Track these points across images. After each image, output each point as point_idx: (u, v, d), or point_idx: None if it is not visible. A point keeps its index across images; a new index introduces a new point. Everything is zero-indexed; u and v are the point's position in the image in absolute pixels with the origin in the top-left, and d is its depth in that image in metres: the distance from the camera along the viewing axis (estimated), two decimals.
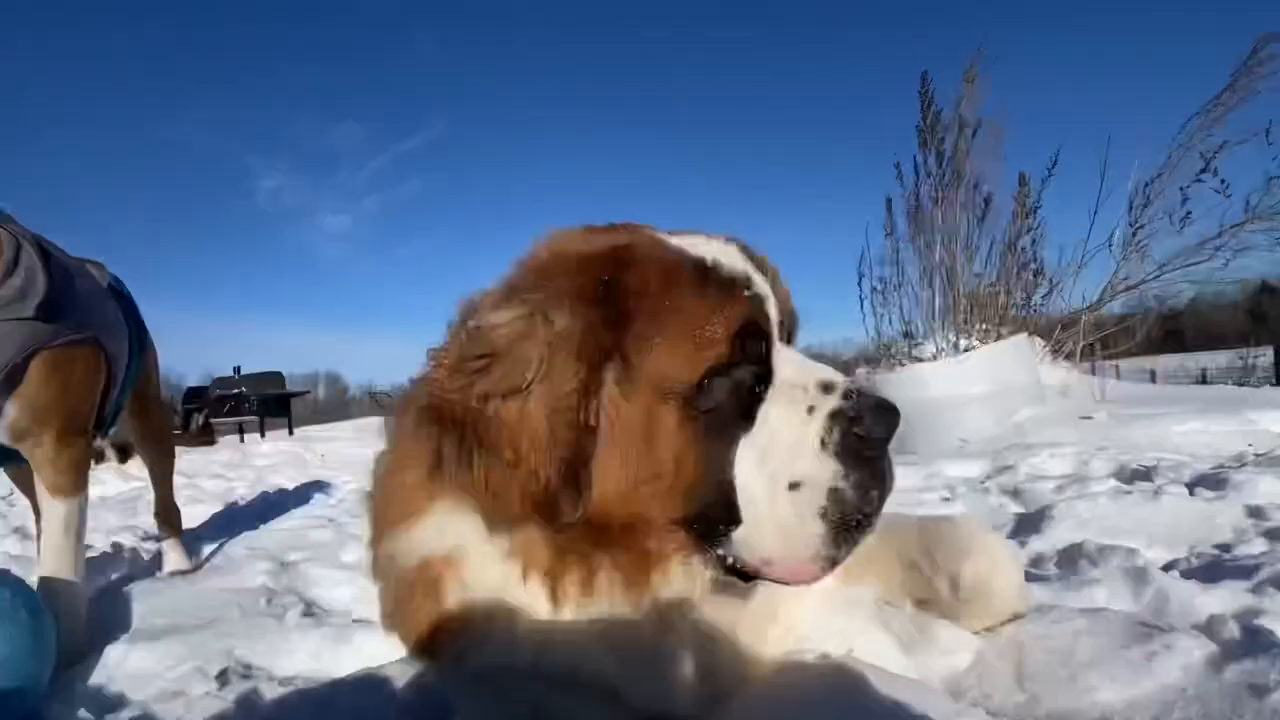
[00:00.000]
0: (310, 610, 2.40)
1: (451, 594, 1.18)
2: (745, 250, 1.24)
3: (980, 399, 5.61)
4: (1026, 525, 2.91)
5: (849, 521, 1.04)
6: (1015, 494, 3.69)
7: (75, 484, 2.24)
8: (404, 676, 1.83)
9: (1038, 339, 6.57)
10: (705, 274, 1.14)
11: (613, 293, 1.09)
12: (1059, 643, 1.42)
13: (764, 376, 1.12)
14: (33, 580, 2.11)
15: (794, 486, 1.05)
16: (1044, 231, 6.35)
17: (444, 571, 1.19)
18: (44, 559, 2.20)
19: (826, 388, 1.10)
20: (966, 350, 6.06)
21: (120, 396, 2.66)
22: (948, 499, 3.78)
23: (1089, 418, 5.60)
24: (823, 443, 1.05)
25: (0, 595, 1.70)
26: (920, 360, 6.27)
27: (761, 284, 1.18)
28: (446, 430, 1.07)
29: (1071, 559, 2.32)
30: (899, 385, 5.68)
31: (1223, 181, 5.99)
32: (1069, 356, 6.77)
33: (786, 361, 1.16)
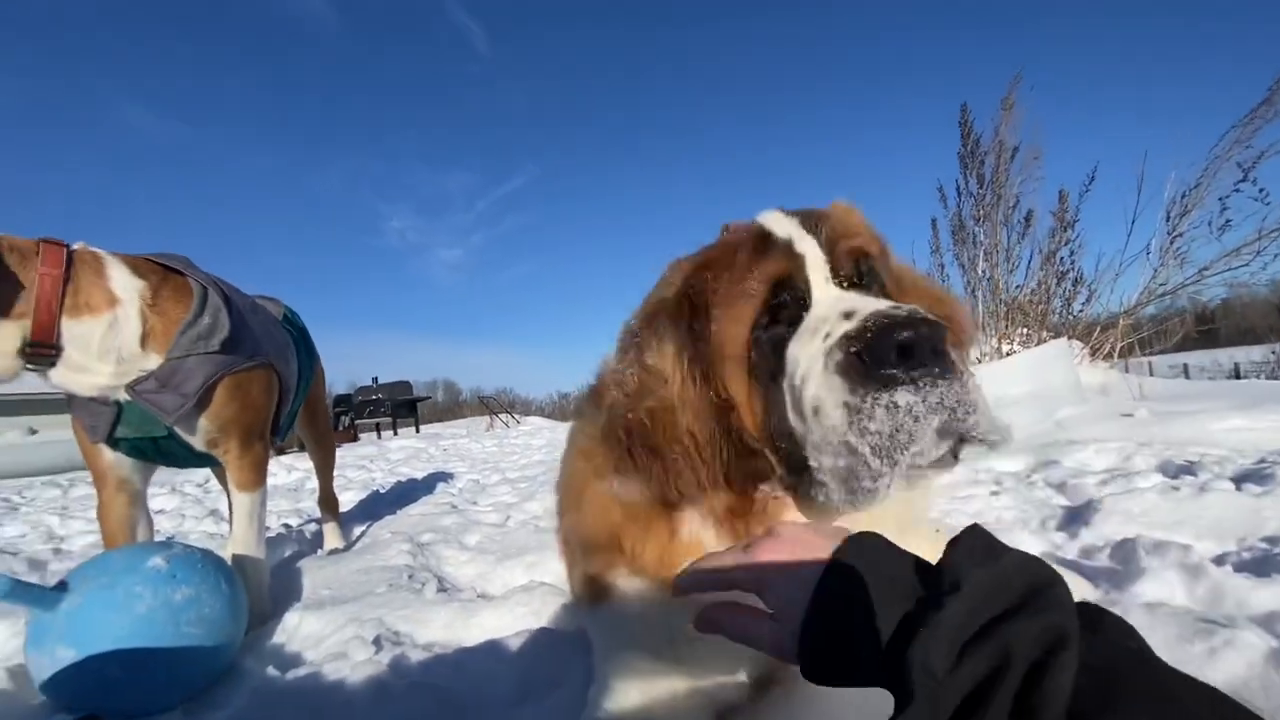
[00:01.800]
0: (443, 586, 2.43)
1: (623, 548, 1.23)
2: (799, 214, 1.15)
3: (1022, 399, 5.24)
4: (1074, 518, 2.65)
5: (880, 440, 0.86)
6: (1061, 488, 3.39)
7: (256, 480, 2.36)
8: (523, 646, 1.83)
9: (1077, 342, 6.09)
10: (751, 246, 1.12)
11: (695, 300, 1.14)
12: None
13: (797, 320, 1.04)
14: (226, 556, 2.24)
15: (816, 412, 0.94)
16: (1082, 242, 5.88)
17: (620, 528, 1.24)
18: (234, 540, 2.31)
19: (848, 315, 0.95)
20: (1008, 355, 5.67)
21: (292, 408, 2.79)
22: (996, 491, 3.52)
23: (1129, 415, 5.11)
24: (825, 366, 0.93)
25: (206, 570, 1.79)
26: None
27: (801, 239, 1.10)
28: (632, 440, 1.13)
29: (1125, 553, 2.08)
30: None
31: (1261, 190, 5.40)
32: (1107, 357, 6.24)
33: (825, 301, 1.04)
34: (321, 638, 1.99)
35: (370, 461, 8.13)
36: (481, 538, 3.18)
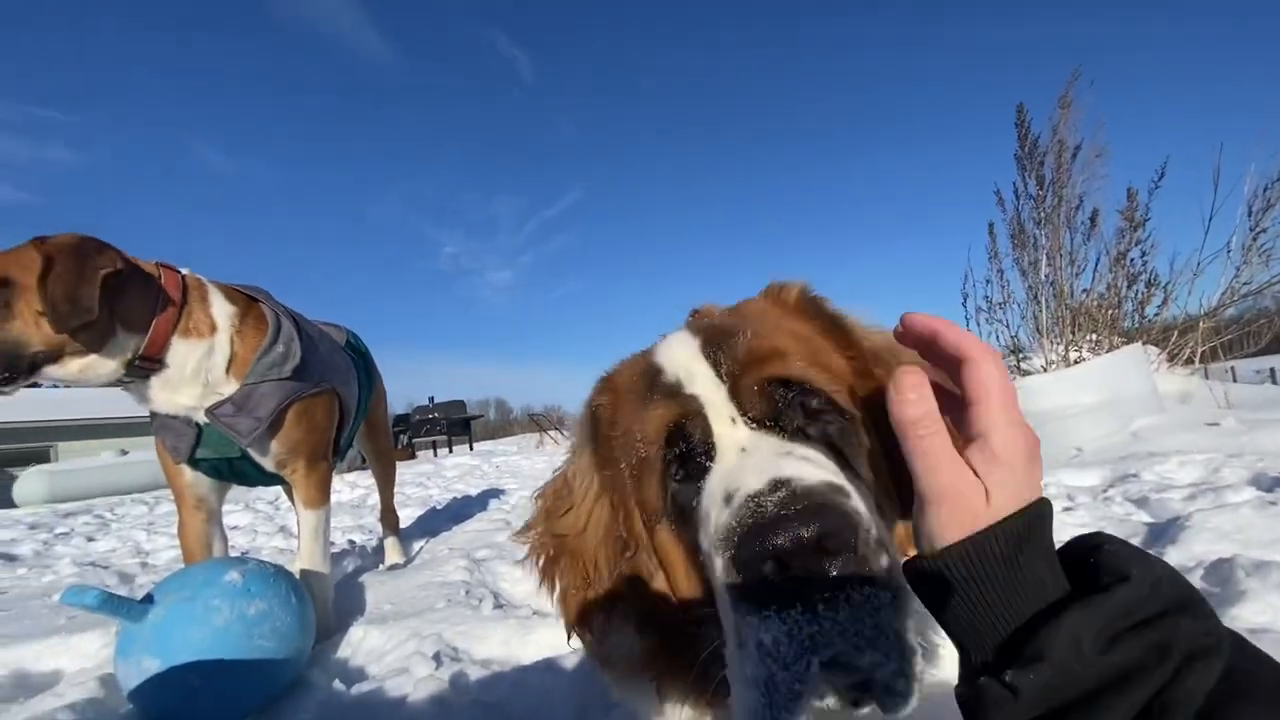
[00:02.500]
0: (499, 602, 2.44)
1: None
2: (704, 331, 0.95)
3: (1093, 408, 4.91)
4: (1159, 536, 2.42)
5: (765, 685, 0.66)
6: (1142, 503, 3.11)
7: (321, 498, 2.45)
8: (580, 665, 1.81)
9: (1152, 347, 5.69)
10: (645, 384, 0.94)
11: (596, 425, 1.02)
12: None
13: (702, 476, 0.84)
14: (294, 571, 2.32)
15: (729, 634, 0.74)
16: (1154, 242, 5.50)
17: None
18: (300, 555, 2.40)
19: (727, 498, 0.74)
20: (1077, 362, 5.34)
21: (351, 430, 2.89)
22: (1069, 508, 3.29)
23: (1215, 424, 4.70)
24: (720, 570, 0.72)
25: (279, 585, 1.85)
26: (1029, 374, 5.60)
27: (692, 379, 0.89)
28: (544, 574, 1.07)
29: (1221, 574, 1.89)
30: None
31: None
32: (1187, 362, 5.80)
33: (726, 451, 0.83)
34: (384, 652, 2.02)
35: (427, 479, 8.33)
36: None
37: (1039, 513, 0.62)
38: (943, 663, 0.87)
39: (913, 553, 0.68)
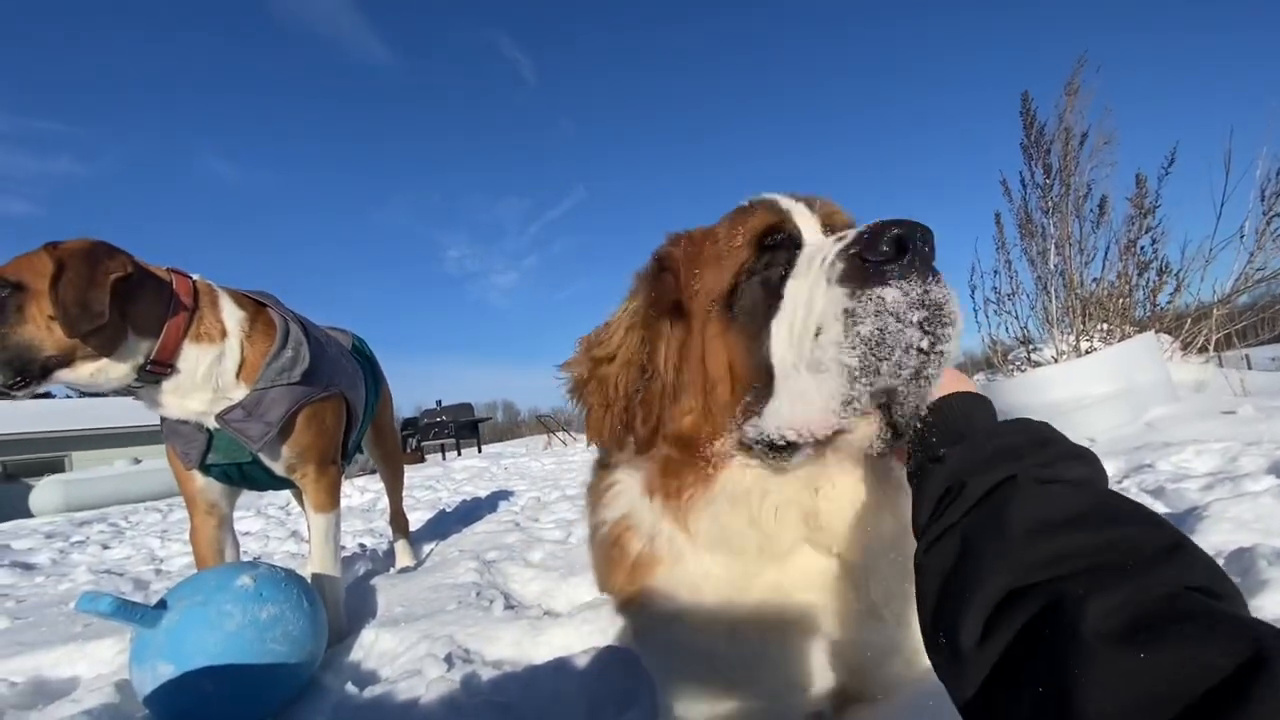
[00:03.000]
0: (510, 603, 2.44)
1: (632, 549, 1.23)
2: (789, 193, 1.17)
3: (1105, 399, 4.84)
4: (1178, 526, 2.38)
5: (873, 345, 0.82)
6: (1158, 493, 3.06)
7: (331, 502, 2.45)
8: (591, 664, 1.81)
9: (1165, 336, 5.61)
10: (736, 212, 1.16)
11: (665, 265, 1.19)
12: None
13: (792, 261, 1.02)
14: (306, 575, 2.33)
15: (818, 333, 0.89)
16: (1165, 229, 5.42)
17: (624, 531, 1.26)
18: (312, 559, 2.41)
19: (840, 239, 0.93)
20: (1088, 352, 5.28)
21: (359, 434, 2.90)
22: None
23: (1231, 412, 4.62)
24: (827, 280, 0.89)
25: (290, 590, 1.86)
26: (1039, 365, 5.55)
27: (789, 201, 1.12)
28: (576, 394, 1.25)
29: (1242, 565, 1.85)
30: (1018, 390, 5.05)
31: None
32: (1201, 350, 5.71)
33: (817, 239, 1.03)
34: (396, 654, 2.03)
35: (436, 482, 8.37)
36: (545, 554, 3.19)
37: (974, 390, 0.94)
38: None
39: None
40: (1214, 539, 2.09)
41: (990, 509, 0.72)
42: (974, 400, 0.91)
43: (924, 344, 0.83)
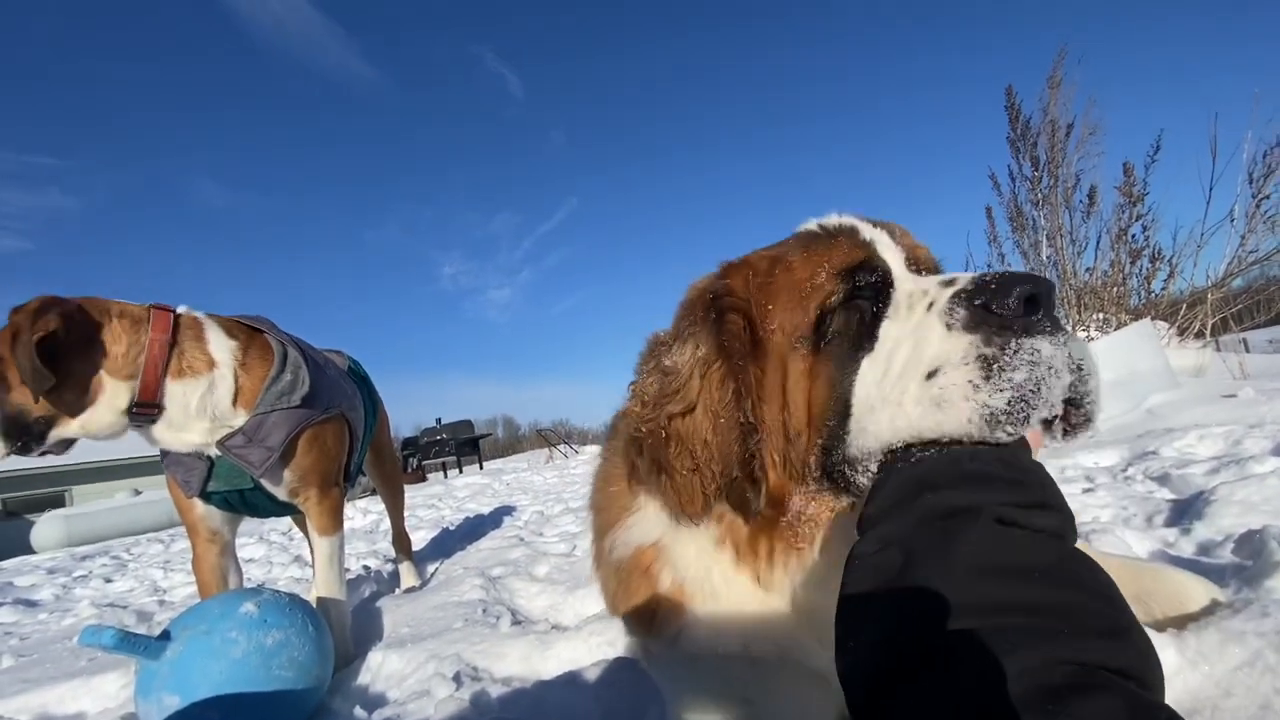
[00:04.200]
0: (517, 619, 2.43)
1: (664, 578, 1.20)
2: (861, 218, 1.14)
3: (1105, 388, 4.85)
4: (1184, 512, 2.36)
5: (1028, 392, 0.81)
6: (1163, 480, 3.03)
7: (334, 524, 2.44)
8: (601, 678, 1.80)
9: (1161, 322, 5.63)
10: (809, 240, 1.10)
11: (729, 302, 1.10)
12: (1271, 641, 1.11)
13: (884, 299, 1.01)
14: (311, 599, 2.31)
15: (931, 375, 0.87)
16: (1155, 216, 5.46)
17: (654, 558, 1.22)
18: (317, 583, 2.40)
19: (948, 283, 0.93)
20: (1085, 342, 5.30)
21: (360, 455, 2.89)
22: (1089, 488, 3.21)
23: (1232, 396, 4.63)
24: (947, 325, 0.89)
25: (295, 614, 1.85)
26: None
27: (870, 230, 1.08)
28: (642, 451, 1.13)
29: (1253, 547, 1.83)
30: None
31: None
32: (1198, 335, 5.74)
33: (908, 281, 1.01)
34: (404, 676, 2.01)
35: (439, 500, 8.33)
36: (550, 568, 3.18)
37: None
38: None
39: None
40: (1222, 523, 2.08)
41: (943, 533, 0.71)
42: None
43: (1085, 389, 0.86)
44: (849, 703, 0.68)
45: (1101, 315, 5.58)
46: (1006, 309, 0.84)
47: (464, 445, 19.63)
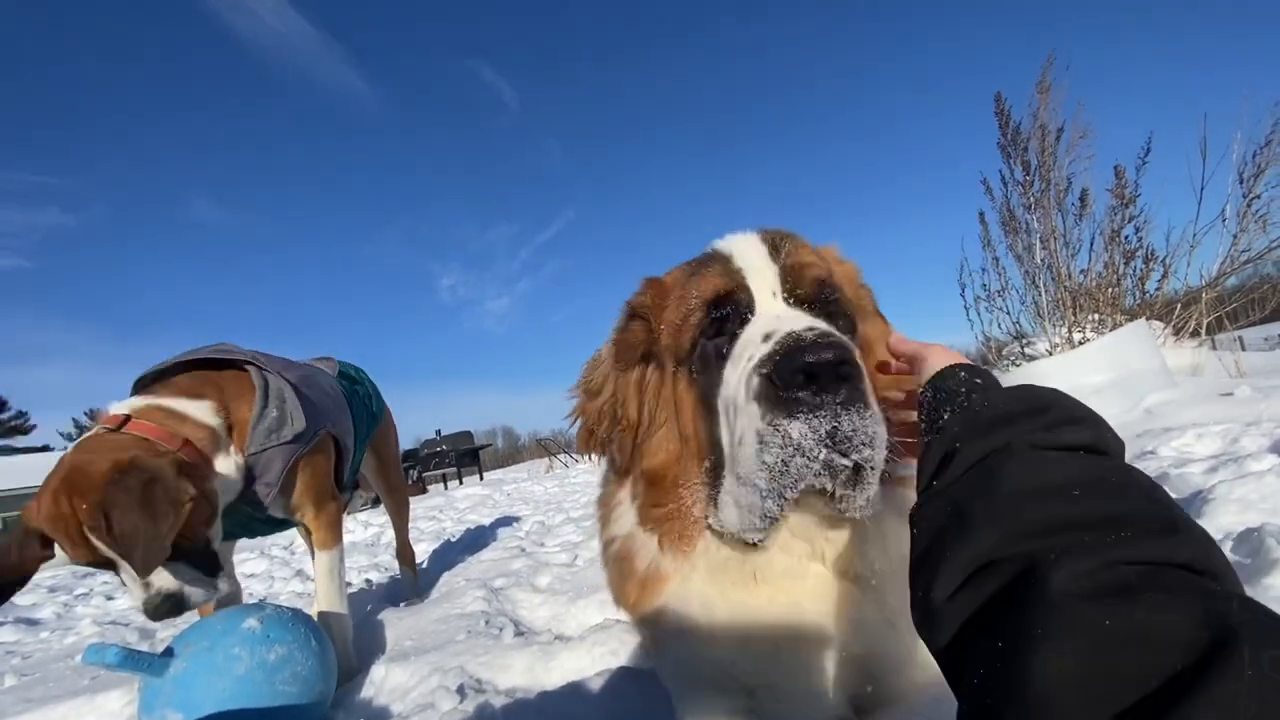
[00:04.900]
0: (519, 630, 2.43)
1: (639, 565, 1.26)
2: (762, 232, 1.19)
3: (1102, 388, 4.86)
4: (1185, 511, 2.36)
5: (779, 469, 0.87)
6: (1162, 479, 3.02)
7: (333, 538, 2.45)
8: (604, 687, 1.80)
9: (1156, 323, 5.66)
10: (694, 266, 1.19)
11: (636, 313, 1.26)
12: None
13: (736, 333, 1.06)
14: (313, 614, 2.31)
15: (740, 441, 0.94)
16: (1147, 217, 5.50)
17: (630, 548, 1.29)
18: (318, 597, 2.39)
19: (766, 337, 0.95)
20: (1081, 343, 5.32)
21: (352, 464, 2.88)
22: None
23: (1229, 394, 4.64)
24: (746, 391, 0.93)
25: (298, 629, 1.85)
26: (1034, 359, 5.58)
27: (746, 257, 1.13)
28: (569, 418, 1.40)
29: (1251, 545, 1.84)
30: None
31: None
32: (1193, 335, 5.76)
33: (760, 319, 1.05)
34: (408, 689, 2.01)
35: (440, 511, 8.31)
36: (552, 579, 3.17)
37: (968, 363, 0.97)
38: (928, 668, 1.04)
39: None
40: (1221, 521, 2.08)
41: (982, 474, 0.72)
42: (972, 371, 0.92)
43: (841, 464, 0.87)
44: (933, 654, 0.71)
45: (1097, 316, 5.60)
46: (783, 383, 0.87)
47: (464, 456, 19.58)
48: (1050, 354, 5.57)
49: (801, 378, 0.85)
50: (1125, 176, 5.39)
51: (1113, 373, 4.85)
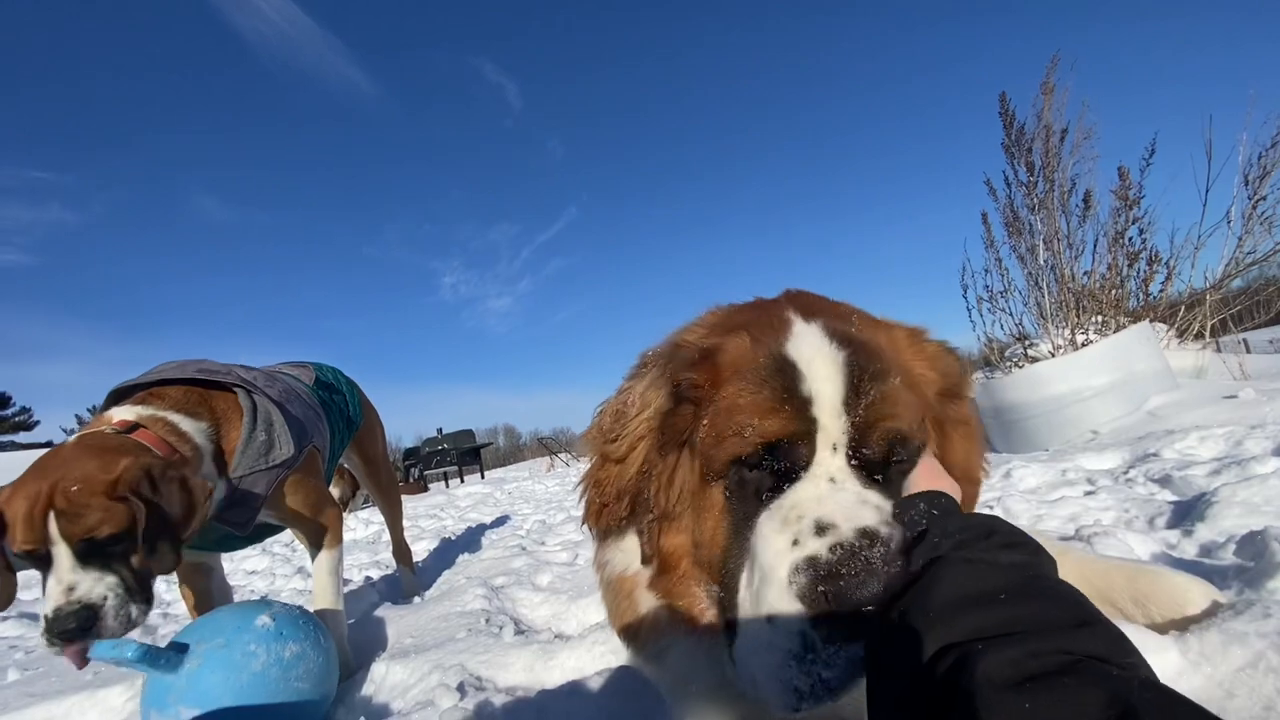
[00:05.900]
0: (520, 628, 2.44)
1: (642, 603, 1.27)
2: (839, 348, 1.03)
3: (1106, 390, 4.85)
4: (1186, 513, 2.35)
5: (816, 671, 0.85)
6: (1165, 482, 3.03)
7: (331, 540, 2.47)
8: (604, 686, 1.81)
9: (1160, 325, 5.65)
10: (766, 378, 1.03)
11: (684, 395, 1.14)
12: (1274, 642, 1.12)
13: (777, 488, 1.00)
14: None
15: (771, 619, 0.90)
16: (1151, 219, 5.49)
17: (633, 585, 1.30)
18: (316, 596, 2.42)
19: (821, 529, 0.89)
20: (1084, 345, 5.31)
21: (330, 464, 2.90)
22: (1090, 491, 3.22)
23: (1233, 397, 4.63)
24: (788, 579, 0.88)
25: (308, 627, 1.87)
26: (1037, 360, 5.58)
27: (821, 396, 0.99)
28: (582, 482, 1.35)
29: (1255, 548, 1.82)
30: (1016, 387, 5.07)
31: None
32: (1197, 337, 5.74)
33: (813, 482, 0.97)
34: (408, 686, 2.02)
35: (441, 510, 8.33)
36: (553, 577, 3.19)
37: (941, 488, 0.98)
38: None
39: None
40: (1224, 524, 2.09)
41: (921, 585, 0.78)
42: (936, 498, 0.94)
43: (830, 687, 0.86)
44: None
45: (1100, 318, 5.59)
46: (839, 615, 0.84)
47: (465, 454, 19.62)
48: (1053, 356, 5.57)
49: (851, 617, 0.84)
50: (1129, 178, 5.39)
51: (1116, 375, 4.84)
